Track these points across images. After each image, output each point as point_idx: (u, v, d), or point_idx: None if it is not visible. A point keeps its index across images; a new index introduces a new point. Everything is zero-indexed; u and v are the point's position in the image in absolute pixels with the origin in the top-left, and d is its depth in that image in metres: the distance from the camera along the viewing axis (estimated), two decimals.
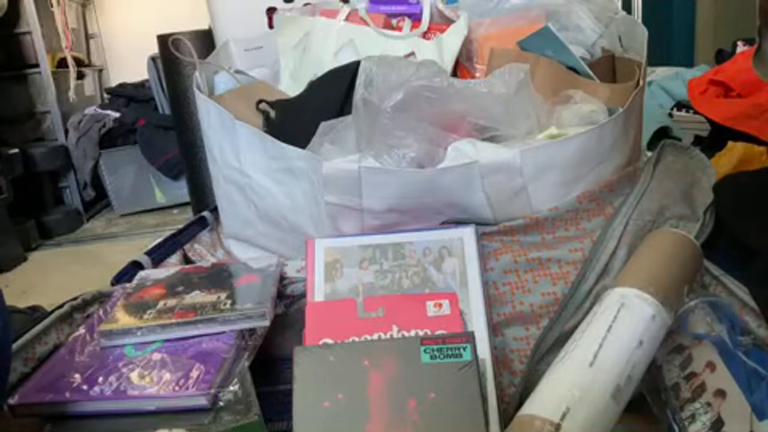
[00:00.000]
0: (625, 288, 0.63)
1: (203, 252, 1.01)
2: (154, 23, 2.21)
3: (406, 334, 0.69)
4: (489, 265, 0.78)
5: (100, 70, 3.12)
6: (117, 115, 2.48)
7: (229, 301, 0.71)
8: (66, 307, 0.78)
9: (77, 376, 0.63)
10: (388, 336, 0.69)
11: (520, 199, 0.79)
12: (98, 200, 2.58)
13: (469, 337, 0.64)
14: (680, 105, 1.71)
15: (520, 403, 0.78)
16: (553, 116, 0.87)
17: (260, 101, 1.00)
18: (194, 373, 0.62)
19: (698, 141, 1.59)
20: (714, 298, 0.66)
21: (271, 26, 1.38)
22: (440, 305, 0.71)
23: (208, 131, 0.96)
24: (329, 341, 0.68)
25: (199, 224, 1.09)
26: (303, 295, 0.80)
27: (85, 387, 0.62)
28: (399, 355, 0.63)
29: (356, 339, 0.68)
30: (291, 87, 1.10)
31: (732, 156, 1.18)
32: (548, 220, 0.79)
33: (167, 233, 1.02)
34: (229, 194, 0.96)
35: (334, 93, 0.94)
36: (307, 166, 0.82)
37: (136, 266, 0.90)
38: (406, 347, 0.64)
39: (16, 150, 2.13)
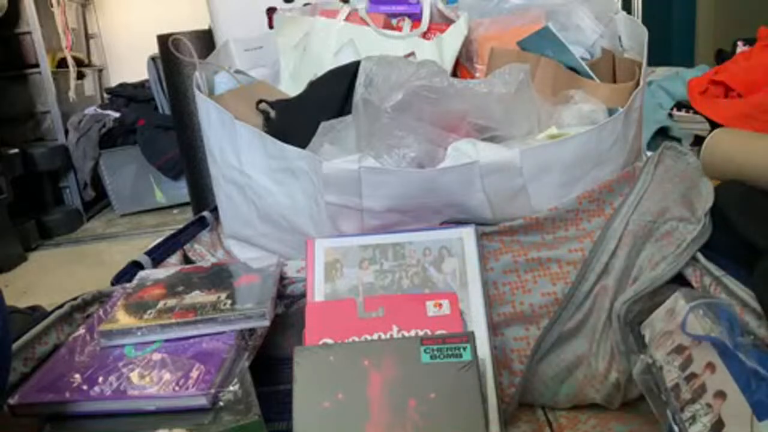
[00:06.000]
0: None
1: (203, 252, 1.01)
2: (154, 23, 2.20)
3: (406, 334, 0.69)
4: (489, 265, 0.78)
5: (100, 70, 3.12)
6: (117, 115, 2.48)
7: (229, 301, 0.71)
8: (66, 307, 0.78)
9: (77, 376, 0.63)
10: (388, 336, 0.69)
11: (520, 199, 0.79)
12: (98, 200, 2.57)
13: (469, 337, 0.64)
14: (680, 105, 1.70)
15: (520, 403, 0.78)
16: (553, 116, 0.87)
17: (260, 101, 1.00)
18: (194, 373, 0.62)
19: (698, 141, 1.59)
20: (714, 299, 0.66)
21: (271, 26, 1.38)
22: (440, 305, 0.71)
23: (208, 131, 0.96)
24: (329, 341, 0.68)
25: (199, 224, 1.08)
26: (303, 295, 0.80)
27: (85, 387, 0.62)
28: (399, 355, 0.63)
29: (356, 339, 0.68)
30: (291, 87, 1.09)
31: None
32: (548, 220, 0.79)
33: (167, 233, 1.02)
34: (229, 194, 0.96)
35: (334, 93, 0.94)
36: (307, 166, 0.82)
37: (136, 266, 0.90)
38: (406, 347, 0.64)
39: (16, 150, 2.13)
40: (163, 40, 1.66)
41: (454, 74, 1.06)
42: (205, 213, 1.11)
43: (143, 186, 2.49)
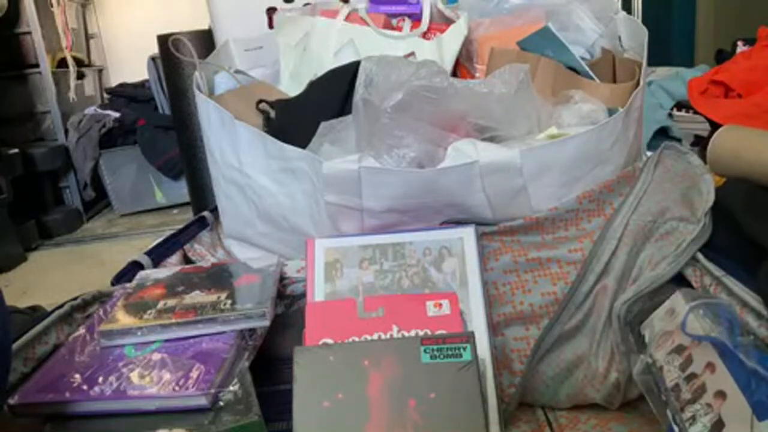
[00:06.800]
0: None
1: (203, 252, 1.01)
2: (154, 23, 2.21)
3: (406, 334, 0.69)
4: (489, 265, 0.78)
5: (100, 70, 3.12)
6: (117, 115, 2.48)
7: (229, 301, 0.71)
8: (66, 307, 0.77)
9: (77, 376, 0.63)
10: (388, 336, 0.69)
11: (520, 199, 0.79)
12: (98, 200, 2.57)
13: (469, 337, 0.64)
14: (680, 105, 1.70)
15: (520, 403, 0.78)
16: (553, 116, 0.87)
17: (260, 101, 1.00)
18: (194, 373, 0.62)
19: (698, 141, 1.59)
20: (714, 299, 0.66)
21: (271, 26, 1.38)
22: (440, 305, 0.71)
23: (208, 131, 0.96)
24: (329, 341, 0.68)
25: (199, 224, 1.08)
26: (303, 295, 0.80)
27: (85, 387, 0.62)
28: (399, 355, 0.63)
29: (356, 339, 0.68)
30: (291, 87, 1.09)
31: None
32: (548, 220, 0.79)
33: (167, 233, 1.02)
34: (229, 194, 0.96)
35: (334, 93, 0.94)
36: (308, 166, 0.82)
37: (136, 266, 0.90)
38: (406, 347, 0.64)
39: (16, 150, 2.13)
40: (163, 40, 1.66)
41: (454, 74, 1.06)
42: (205, 213, 1.11)
43: (143, 186, 2.49)
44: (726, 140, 0.86)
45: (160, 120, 2.45)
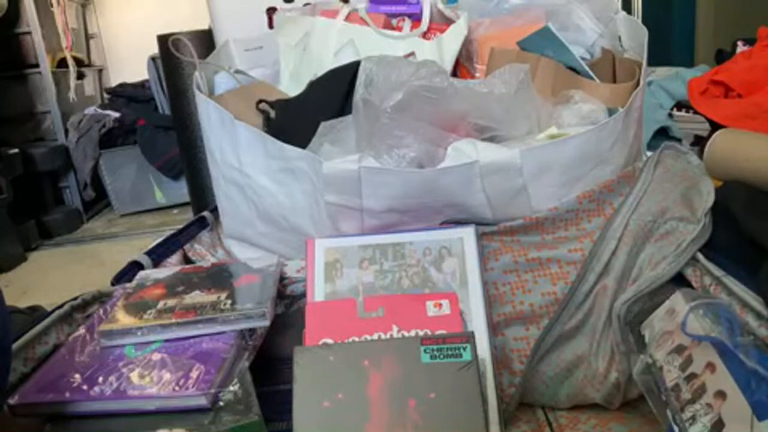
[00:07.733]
0: None
1: (203, 252, 1.01)
2: (154, 23, 2.21)
3: (406, 334, 0.69)
4: (489, 265, 0.78)
5: (100, 70, 3.12)
6: (117, 115, 2.48)
7: (229, 301, 0.71)
8: (66, 307, 0.77)
9: (77, 376, 0.63)
10: (388, 336, 0.69)
11: (520, 199, 0.79)
12: (98, 200, 2.58)
13: (469, 337, 0.64)
14: (680, 105, 1.70)
15: (520, 403, 0.78)
16: (553, 116, 0.87)
17: (260, 101, 1.00)
18: (194, 373, 0.62)
19: (698, 141, 1.59)
20: (714, 299, 0.66)
21: (271, 26, 1.38)
22: (440, 305, 0.71)
23: (208, 131, 0.96)
24: (329, 341, 0.68)
25: (199, 224, 1.08)
26: (303, 295, 0.80)
27: (85, 387, 0.62)
28: (399, 355, 0.63)
29: (356, 339, 0.68)
30: (291, 87, 1.10)
31: None
32: (548, 220, 0.79)
33: (167, 233, 1.02)
34: (229, 194, 0.96)
35: (334, 93, 0.94)
36: (308, 166, 0.82)
37: (136, 266, 0.90)
38: (406, 347, 0.64)
39: (16, 150, 2.13)
40: (163, 40, 1.66)
41: (454, 74, 1.06)
42: (205, 213, 1.11)
43: (143, 186, 2.50)
44: (722, 144, 0.86)
45: (160, 120, 2.45)
